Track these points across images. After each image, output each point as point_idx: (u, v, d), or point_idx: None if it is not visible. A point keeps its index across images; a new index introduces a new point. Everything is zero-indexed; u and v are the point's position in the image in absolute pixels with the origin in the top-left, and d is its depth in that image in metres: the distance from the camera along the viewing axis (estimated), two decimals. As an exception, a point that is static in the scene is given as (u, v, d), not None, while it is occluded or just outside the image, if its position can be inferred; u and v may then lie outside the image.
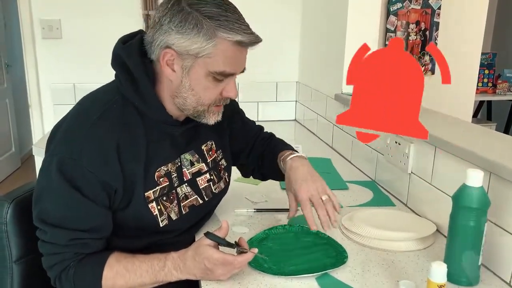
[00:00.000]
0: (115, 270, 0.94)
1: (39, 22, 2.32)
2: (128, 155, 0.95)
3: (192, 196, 1.09)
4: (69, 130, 0.95)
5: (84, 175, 0.90)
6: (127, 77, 0.97)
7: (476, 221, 0.92)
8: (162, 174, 1.02)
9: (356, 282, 0.97)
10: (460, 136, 1.21)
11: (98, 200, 0.93)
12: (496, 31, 4.49)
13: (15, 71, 4.22)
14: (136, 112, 0.98)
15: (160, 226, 1.01)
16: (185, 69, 0.95)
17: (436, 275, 0.83)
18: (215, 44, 0.91)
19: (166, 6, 0.94)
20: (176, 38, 0.91)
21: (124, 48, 0.98)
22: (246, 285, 0.95)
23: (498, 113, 4.22)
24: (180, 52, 0.93)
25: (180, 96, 0.98)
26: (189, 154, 1.10)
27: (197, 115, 1.01)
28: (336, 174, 1.66)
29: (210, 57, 0.93)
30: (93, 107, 0.97)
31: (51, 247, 0.93)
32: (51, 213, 0.92)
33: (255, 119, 2.60)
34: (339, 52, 1.92)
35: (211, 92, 0.98)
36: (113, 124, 0.95)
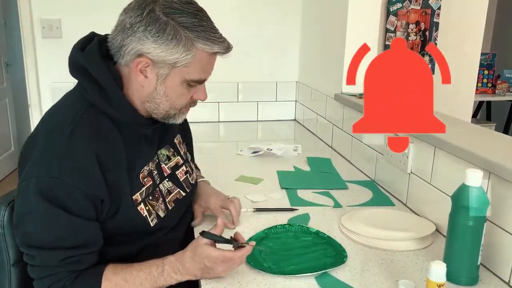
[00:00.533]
0: (114, 282, 0.92)
1: (39, 22, 2.32)
2: (109, 163, 0.93)
3: (174, 190, 1.10)
4: (43, 149, 0.91)
5: (68, 191, 0.88)
6: (92, 85, 0.94)
7: (475, 221, 0.92)
8: (146, 174, 1.02)
9: (356, 281, 0.97)
10: (460, 136, 1.21)
11: (84, 214, 0.90)
12: (496, 32, 4.49)
13: (15, 70, 4.21)
14: (108, 119, 0.96)
15: (150, 226, 1.01)
16: (161, 77, 0.95)
17: (435, 274, 0.83)
18: (194, 55, 0.93)
19: (139, 12, 0.91)
20: (153, 47, 0.91)
21: (84, 56, 0.95)
22: (246, 284, 0.95)
23: (497, 114, 4.22)
24: (156, 61, 0.93)
25: (152, 101, 0.98)
26: (165, 149, 1.11)
27: (167, 117, 1.02)
28: (335, 174, 1.66)
29: (187, 66, 0.94)
30: (64, 122, 0.93)
31: (43, 270, 0.90)
32: (37, 236, 0.89)
33: (255, 119, 2.62)
34: (339, 52, 1.92)
35: (185, 97, 1.00)
36: (88, 135, 0.92)
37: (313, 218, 1.28)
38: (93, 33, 1.02)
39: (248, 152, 1.90)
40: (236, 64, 2.53)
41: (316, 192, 1.47)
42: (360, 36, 1.87)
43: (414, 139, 1.33)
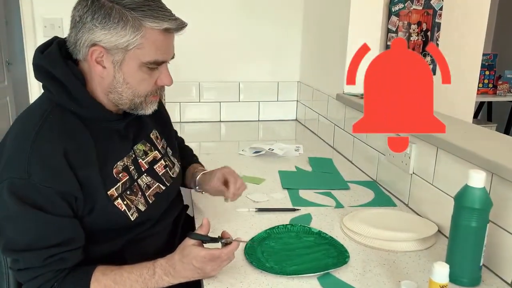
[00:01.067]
0: (103, 284, 0.91)
1: (41, 20, 2.32)
2: (78, 161, 0.92)
3: (153, 184, 1.09)
4: (11, 152, 0.91)
5: (39, 191, 0.87)
6: (56, 85, 0.95)
7: (478, 222, 0.92)
8: (120, 170, 1.01)
9: (358, 282, 0.97)
10: (462, 137, 1.21)
11: (60, 212, 0.90)
12: (497, 32, 4.49)
13: (16, 69, 4.22)
14: (76, 117, 0.96)
15: (131, 220, 1.00)
16: (117, 64, 0.94)
17: (438, 275, 0.83)
18: (144, 35, 0.92)
19: (85, 3, 0.92)
20: (103, 34, 0.91)
21: (44, 57, 0.96)
22: (248, 285, 0.95)
23: (498, 114, 4.22)
24: (109, 48, 0.93)
25: (114, 91, 0.98)
26: (141, 144, 1.10)
27: (134, 107, 1.02)
28: (337, 174, 1.66)
29: (140, 48, 0.93)
30: (30, 124, 0.94)
31: (29, 273, 0.90)
32: (17, 240, 0.89)
33: (256, 118, 2.62)
34: (341, 52, 1.92)
35: (147, 83, 0.99)
36: (54, 134, 0.92)
37: (315, 219, 1.28)
38: (55, 37, 1.03)
39: (250, 152, 1.90)
40: (238, 64, 2.53)
41: (317, 192, 1.47)
42: (361, 36, 1.87)
43: (416, 140, 1.33)
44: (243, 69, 2.54)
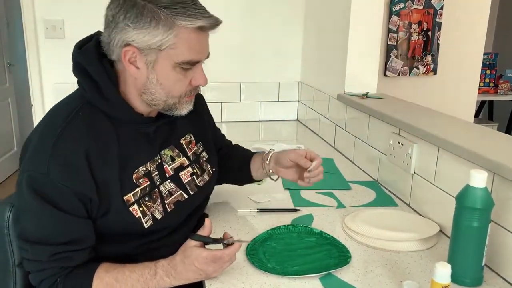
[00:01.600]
0: (105, 281, 0.92)
1: (42, 22, 2.32)
2: (99, 162, 0.92)
3: (176, 192, 1.07)
4: (36, 145, 0.92)
5: (56, 188, 0.88)
6: (89, 83, 0.95)
7: (479, 222, 0.92)
8: (141, 175, 1.00)
9: (360, 282, 0.97)
10: (463, 137, 1.21)
11: (74, 211, 0.90)
12: (498, 31, 4.48)
13: (18, 70, 4.23)
14: (105, 117, 0.96)
15: (145, 227, 0.99)
16: (150, 64, 0.93)
17: (440, 275, 0.83)
18: (177, 34, 0.90)
19: (117, 2, 0.91)
20: (135, 34, 0.89)
21: (81, 53, 0.96)
22: (250, 285, 0.96)
23: (499, 113, 4.22)
24: (142, 48, 0.91)
25: (148, 92, 0.96)
26: (168, 149, 1.08)
27: (168, 108, 1.00)
28: (338, 174, 1.66)
29: (173, 48, 0.91)
30: (57, 119, 0.94)
31: (35, 264, 0.91)
32: (30, 231, 0.90)
33: (257, 119, 2.62)
34: (342, 52, 1.92)
35: (181, 83, 0.97)
36: (79, 133, 0.92)
37: (317, 219, 1.28)
38: (96, 32, 1.01)
39: (251, 152, 1.90)
40: (239, 65, 2.53)
41: (319, 192, 1.47)
42: (362, 36, 1.87)
43: (417, 140, 1.33)
44: (244, 69, 2.54)
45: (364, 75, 1.92)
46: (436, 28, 2.50)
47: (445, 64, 2.56)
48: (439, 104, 2.37)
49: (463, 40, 2.59)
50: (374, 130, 1.64)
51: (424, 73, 2.55)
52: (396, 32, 2.45)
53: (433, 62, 2.55)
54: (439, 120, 1.47)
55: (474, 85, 2.71)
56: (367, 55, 1.90)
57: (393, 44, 2.46)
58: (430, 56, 2.54)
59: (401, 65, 2.50)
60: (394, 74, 2.50)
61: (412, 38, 2.49)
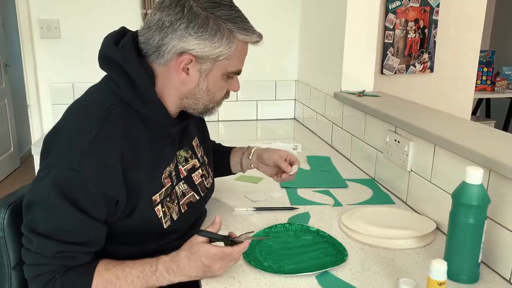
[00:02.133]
0: (106, 279, 0.90)
1: (38, 22, 2.31)
2: (132, 163, 0.92)
3: (189, 193, 1.09)
4: (70, 142, 0.90)
5: (84, 187, 0.87)
6: (126, 81, 0.93)
7: (476, 219, 0.92)
8: (167, 175, 1.01)
9: (356, 280, 0.97)
10: (460, 134, 1.21)
11: (95, 213, 0.89)
12: (495, 29, 4.49)
13: (13, 70, 4.21)
14: (137, 116, 0.96)
15: (164, 227, 1.00)
16: (204, 73, 0.96)
17: (436, 273, 0.83)
18: (236, 47, 0.95)
19: (178, 10, 0.91)
20: (196, 43, 0.91)
21: (119, 50, 0.94)
22: (246, 284, 0.95)
23: (496, 111, 4.23)
24: (200, 57, 0.93)
25: (193, 97, 0.99)
26: (183, 150, 1.09)
27: (206, 111, 1.04)
28: (335, 172, 1.66)
29: (229, 59, 0.95)
30: (93, 117, 0.92)
31: (36, 257, 0.89)
32: (41, 223, 0.88)
33: (254, 118, 2.62)
34: (338, 50, 1.92)
35: (223, 90, 1.02)
36: (115, 133, 0.91)
37: (313, 217, 1.27)
38: (124, 28, 1.01)
39: (248, 151, 1.90)
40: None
41: (316, 191, 1.47)
42: (359, 34, 1.87)
43: (414, 137, 1.33)
44: (240, 68, 2.53)
45: (361, 73, 1.92)
46: (432, 26, 2.50)
47: (442, 62, 2.56)
48: (436, 102, 2.37)
49: (460, 38, 2.59)
50: (370, 128, 1.64)
51: (420, 71, 2.55)
52: (392, 30, 2.45)
53: (430, 60, 2.55)
54: (436, 118, 1.47)
55: (471, 83, 2.71)
56: (363, 53, 1.90)
57: (390, 42, 2.46)
58: (427, 54, 2.54)
59: (397, 63, 2.50)
60: (390, 72, 2.50)
61: (408, 36, 2.48)
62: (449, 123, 1.41)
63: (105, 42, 0.97)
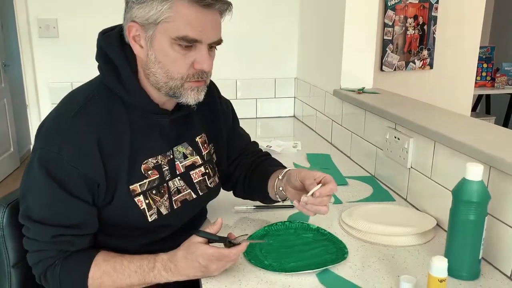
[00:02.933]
0: (102, 269, 0.92)
1: (36, 21, 2.31)
2: (111, 148, 0.93)
3: (185, 190, 1.07)
4: (50, 125, 0.94)
5: (66, 168, 0.89)
6: (108, 67, 0.96)
7: (476, 215, 0.92)
8: (151, 167, 1.00)
9: (357, 277, 0.97)
10: (460, 130, 1.21)
11: (81, 195, 0.91)
12: (494, 25, 4.48)
13: (12, 70, 4.21)
14: (121, 104, 0.97)
15: (149, 220, 0.99)
16: (148, 40, 0.92)
17: (436, 270, 0.83)
18: (171, 6, 0.88)
19: None
20: (137, 9, 0.91)
21: (104, 38, 0.98)
22: (247, 282, 0.95)
23: (496, 107, 4.22)
24: (142, 23, 0.91)
25: (150, 72, 0.95)
26: (181, 146, 1.07)
27: (173, 92, 0.95)
28: (335, 170, 1.66)
29: (169, 21, 0.89)
30: (75, 101, 0.96)
31: (35, 244, 0.92)
32: (34, 210, 0.91)
33: (254, 116, 2.61)
34: (338, 48, 1.91)
35: (180, 63, 0.92)
36: (93, 117, 0.93)
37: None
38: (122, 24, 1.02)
39: (248, 149, 1.90)
40: (235, 61, 2.52)
41: (316, 188, 1.47)
42: (358, 31, 1.86)
43: (414, 134, 1.32)
44: (240, 66, 2.53)
45: (360, 70, 1.92)
46: (432, 22, 2.50)
47: (441, 58, 2.56)
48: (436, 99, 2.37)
49: (459, 34, 2.58)
50: (370, 125, 1.64)
51: (420, 67, 2.54)
52: (391, 26, 2.45)
53: (429, 56, 2.54)
54: (435, 114, 1.46)
55: (471, 79, 2.71)
56: (363, 50, 1.89)
57: (389, 38, 2.45)
58: (426, 50, 2.53)
59: (397, 59, 2.49)
60: (390, 69, 2.49)
61: (408, 33, 2.48)
62: (449, 119, 1.40)
63: (98, 34, 1.01)
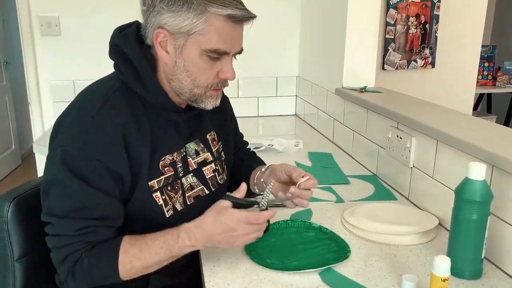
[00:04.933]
0: (131, 254, 0.91)
1: (38, 19, 2.31)
2: (135, 140, 0.94)
3: (198, 186, 1.08)
4: (73, 121, 0.94)
5: (90, 163, 0.89)
6: (127, 65, 0.97)
7: (479, 215, 0.92)
8: (167, 164, 1.01)
9: (359, 276, 0.97)
10: (462, 129, 1.21)
11: (105, 188, 0.91)
12: (496, 23, 4.47)
13: (14, 68, 4.21)
14: (139, 100, 0.98)
15: (166, 216, 1.00)
16: (178, 49, 0.93)
17: (439, 269, 0.83)
18: (206, 20, 0.90)
19: None
20: (168, 17, 0.91)
21: (120, 37, 0.98)
22: (249, 281, 0.95)
23: (498, 106, 4.22)
24: (172, 32, 0.92)
25: (175, 78, 0.97)
26: (194, 143, 1.09)
27: (194, 99, 0.99)
28: (337, 168, 1.66)
29: (202, 33, 0.91)
30: (95, 97, 0.96)
31: (60, 240, 0.91)
32: (58, 206, 0.90)
33: (256, 114, 2.62)
34: (339, 46, 1.91)
35: (208, 73, 0.96)
36: (117, 111, 0.94)
37: (316, 214, 1.27)
38: (136, 21, 1.03)
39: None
40: (236, 60, 2.52)
41: (318, 187, 1.45)
42: (360, 30, 1.86)
43: (416, 133, 1.32)
44: (241, 65, 2.51)
45: (362, 69, 1.91)
46: (433, 21, 2.49)
47: (443, 57, 2.56)
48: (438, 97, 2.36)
49: (461, 33, 2.58)
50: (372, 124, 1.64)
51: (422, 66, 2.54)
52: (393, 25, 2.44)
53: (431, 55, 2.54)
54: (438, 113, 1.46)
55: (473, 78, 2.70)
56: (364, 49, 1.89)
57: (391, 37, 2.45)
58: (428, 49, 2.53)
59: (399, 58, 2.49)
60: (392, 68, 2.49)
61: (410, 31, 2.48)
62: (451, 118, 1.40)
63: (113, 32, 1.01)
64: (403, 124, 1.40)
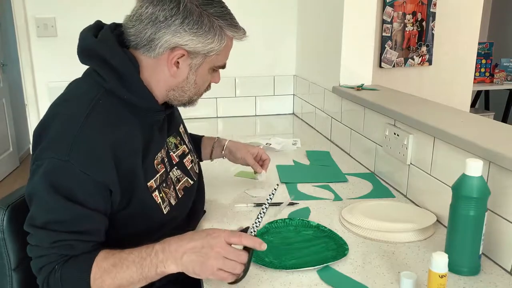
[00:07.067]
0: (103, 268, 0.87)
1: (34, 21, 2.30)
2: (125, 151, 0.92)
3: (183, 178, 1.11)
4: (56, 133, 0.90)
5: (75, 176, 0.87)
6: (108, 71, 0.94)
7: (476, 211, 0.92)
8: (159, 161, 1.03)
9: (358, 274, 0.97)
10: (459, 126, 1.21)
11: (89, 203, 0.88)
12: (493, 20, 4.48)
13: (10, 70, 4.20)
14: (124, 105, 0.96)
15: (164, 213, 1.01)
16: (194, 67, 0.99)
17: (437, 265, 0.83)
18: (225, 43, 0.98)
19: (173, 5, 0.92)
20: (190, 39, 0.93)
21: (100, 43, 0.95)
22: (247, 280, 0.95)
23: (495, 103, 4.22)
24: (191, 52, 0.96)
25: (179, 89, 1.01)
26: (172, 137, 1.12)
27: (189, 103, 1.07)
28: (335, 166, 1.66)
29: (218, 54, 0.99)
30: (79, 107, 0.92)
31: (37, 250, 0.89)
32: (37, 216, 0.89)
33: (253, 113, 2.62)
34: (336, 45, 1.91)
35: (207, 82, 1.06)
36: (104, 122, 0.92)
37: (314, 212, 1.27)
38: (98, 21, 1.02)
39: (247, 147, 1.90)
40: (233, 59, 2.50)
41: (316, 185, 1.47)
42: (356, 28, 1.86)
43: (413, 130, 1.32)
44: (238, 64, 2.52)
45: (359, 67, 1.92)
46: (430, 18, 2.50)
47: (440, 54, 2.56)
48: (435, 95, 2.37)
49: (458, 30, 2.58)
50: (369, 121, 1.64)
51: (419, 63, 2.54)
52: (390, 23, 2.45)
53: (428, 53, 2.54)
54: (435, 110, 1.46)
55: (470, 75, 2.71)
56: (361, 47, 1.89)
57: (388, 35, 2.45)
58: (425, 47, 2.53)
59: (396, 56, 2.49)
60: (389, 66, 2.49)
61: (406, 29, 2.48)
62: (448, 115, 1.40)
63: (83, 36, 0.97)
64: (400, 121, 1.40)
